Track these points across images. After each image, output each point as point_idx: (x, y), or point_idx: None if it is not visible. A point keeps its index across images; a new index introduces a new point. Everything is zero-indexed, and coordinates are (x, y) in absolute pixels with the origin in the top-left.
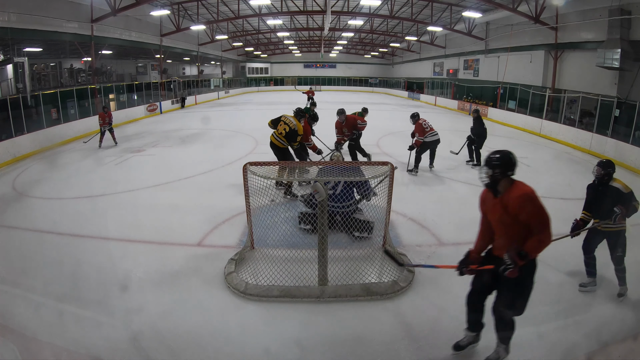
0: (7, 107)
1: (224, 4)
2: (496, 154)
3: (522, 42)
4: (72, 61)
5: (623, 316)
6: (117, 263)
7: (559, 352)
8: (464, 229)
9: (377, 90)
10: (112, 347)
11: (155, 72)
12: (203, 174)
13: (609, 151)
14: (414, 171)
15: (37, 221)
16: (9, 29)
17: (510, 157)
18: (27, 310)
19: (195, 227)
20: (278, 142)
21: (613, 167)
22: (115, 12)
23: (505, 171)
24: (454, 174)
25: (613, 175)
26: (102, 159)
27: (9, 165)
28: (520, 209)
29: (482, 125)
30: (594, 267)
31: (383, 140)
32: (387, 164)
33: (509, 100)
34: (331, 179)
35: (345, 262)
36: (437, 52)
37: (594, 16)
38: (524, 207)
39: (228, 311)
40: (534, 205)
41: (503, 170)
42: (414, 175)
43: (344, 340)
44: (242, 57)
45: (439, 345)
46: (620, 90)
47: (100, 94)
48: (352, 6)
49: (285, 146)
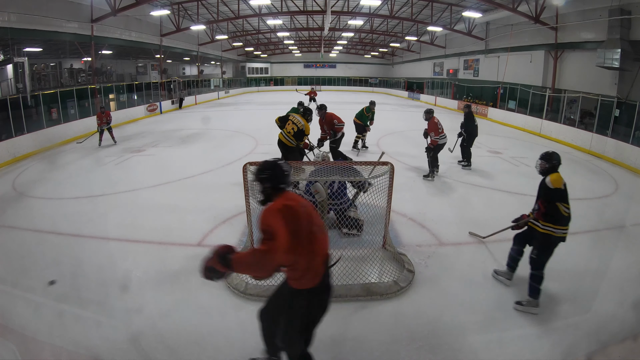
0: (7, 107)
1: (224, 4)
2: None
3: (522, 42)
4: (72, 61)
5: (623, 316)
6: (117, 263)
7: (559, 352)
8: (464, 229)
9: (377, 90)
10: (112, 347)
11: (155, 72)
12: (203, 174)
13: (609, 151)
14: (430, 176)
15: (37, 221)
16: (9, 29)
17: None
18: (27, 310)
19: (195, 227)
20: (287, 141)
21: (551, 159)
22: (115, 12)
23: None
24: (453, 173)
25: (554, 168)
26: (102, 159)
27: (9, 165)
28: None
29: (474, 121)
30: (512, 260)
31: (383, 140)
32: (387, 164)
33: (509, 100)
34: (330, 179)
35: (345, 262)
36: (437, 52)
37: (594, 16)
38: None
39: (228, 311)
40: None
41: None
42: (431, 180)
43: (344, 340)
44: (242, 57)
45: (439, 345)
46: (620, 90)
47: (100, 94)
48: (352, 6)
49: (294, 145)
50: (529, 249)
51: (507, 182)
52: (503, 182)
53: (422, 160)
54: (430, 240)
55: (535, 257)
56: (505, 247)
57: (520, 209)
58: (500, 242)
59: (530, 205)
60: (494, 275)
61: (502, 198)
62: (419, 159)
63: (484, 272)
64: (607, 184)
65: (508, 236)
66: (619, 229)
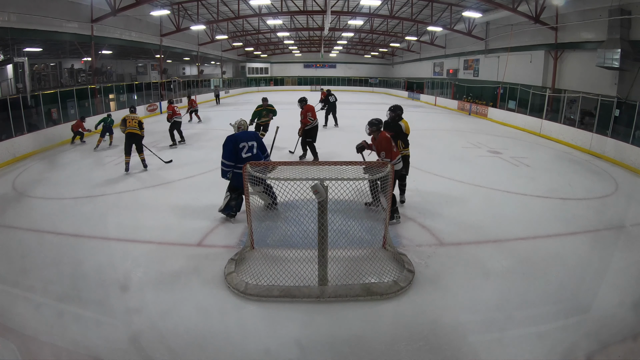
0: (7, 107)
1: (224, 4)
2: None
3: (522, 42)
4: (72, 61)
5: (623, 316)
6: (117, 263)
7: (559, 352)
8: (464, 229)
9: (377, 90)
10: (112, 347)
11: (155, 72)
12: (203, 174)
13: (609, 151)
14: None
15: (37, 221)
16: (9, 29)
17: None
18: (27, 310)
19: (195, 227)
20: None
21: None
22: (115, 12)
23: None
24: (453, 173)
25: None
26: (102, 159)
27: (9, 165)
28: None
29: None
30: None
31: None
32: (387, 164)
33: (509, 100)
34: (330, 179)
35: (345, 262)
36: (437, 52)
37: (594, 16)
38: None
39: (228, 311)
40: None
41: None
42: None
43: (344, 340)
44: (242, 57)
45: (439, 345)
46: (620, 90)
47: (100, 94)
48: (352, 6)
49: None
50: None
51: (507, 182)
52: (503, 182)
53: (421, 160)
54: (430, 240)
55: None
56: (506, 247)
57: (521, 208)
58: (501, 242)
59: (530, 205)
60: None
61: (502, 198)
62: (418, 159)
63: (484, 272)
64: (607, 184)
65: (509, 236)
66: (619, 229)
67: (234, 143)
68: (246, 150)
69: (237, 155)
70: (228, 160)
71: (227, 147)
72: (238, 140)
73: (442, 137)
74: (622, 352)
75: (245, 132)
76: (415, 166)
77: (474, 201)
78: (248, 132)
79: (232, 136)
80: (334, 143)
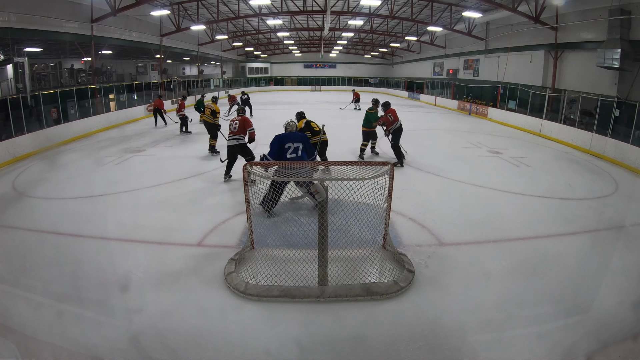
0: (7, 107)
1: (224, 4)
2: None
3: (522, 42)
4: (72, 61)
5: (623, 316)
6: (117, 263)
7: (559, 352)
8: (464, 229)
9: (377, 90)
10: (112, 347)
11: (155, 72)
12: (203, 174)
13: (609, 151)
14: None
15: (37, 221)
16: (9, 29)
17: None
18: (27, 310)
19: (195, 227)
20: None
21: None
22: (115, 12)
23: None
24: (454, 173)
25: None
26: (102, 159)
27: (9, 165)
28: None
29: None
30: None
31: (383, 139)
32: (387, 164)
33: (509, 100)
34: (330, 179)
35: (345, 262)
36: (437, 52)
37: (594, 16)
38: None
39: (228, 311)
40: None
41: None
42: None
43: (344, 340)
44: (242, 57)
45: (439, 345)
46: (620, 90)
47: (100, 94)
48: (352, 6)
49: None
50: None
51: (507, 182)
52: (503, 182)
53: (421, 160)
54: (430, 240)
55: None
56: (506, 247)
57: (521, 208)
58: (501, 242)
59: (530, 205)
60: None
61: (502, 198)
62: (418, 159)
63: (484, 272)
64: (607, 184)
65: (509, 236)
66: (619, 229)
67: (280, 142)
68: (291, 151)
69: (282, 155)
70: (273, 159)
71: (274, 146)
72: (285, 141)
73: (442, 137)
74: (622, 352)
75: (293, 133)
76: (415, 166)
77: (474, 201)
78: (296, 133)
79: (280, 136)
80: (334, 143)
